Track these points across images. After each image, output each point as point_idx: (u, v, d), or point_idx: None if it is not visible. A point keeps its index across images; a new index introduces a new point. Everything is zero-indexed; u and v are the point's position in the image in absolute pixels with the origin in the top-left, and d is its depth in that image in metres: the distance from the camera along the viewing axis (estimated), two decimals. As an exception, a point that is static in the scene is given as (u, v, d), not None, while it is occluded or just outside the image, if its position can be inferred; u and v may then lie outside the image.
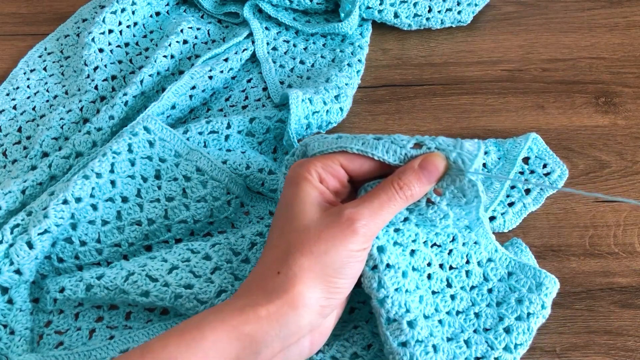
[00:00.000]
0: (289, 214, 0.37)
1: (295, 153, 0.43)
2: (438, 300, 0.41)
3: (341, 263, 0.35)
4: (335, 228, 0.35)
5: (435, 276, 0.41)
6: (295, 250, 0.35)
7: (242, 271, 0.44)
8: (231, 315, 0.33)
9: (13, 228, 0.44)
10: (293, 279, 0.34)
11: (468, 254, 0.43)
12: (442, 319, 0.40)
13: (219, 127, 0.52)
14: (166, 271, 0.42)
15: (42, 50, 0.64)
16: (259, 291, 0.35)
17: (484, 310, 0.41)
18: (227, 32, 0.65)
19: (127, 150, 0.47)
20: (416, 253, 0.41)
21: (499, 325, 0.40)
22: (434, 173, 0.37)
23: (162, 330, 0.42)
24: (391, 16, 0.63)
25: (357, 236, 0.35)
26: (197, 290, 0.41)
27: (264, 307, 0.33)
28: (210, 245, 0.45)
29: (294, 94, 0.51)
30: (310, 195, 0.37)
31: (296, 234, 0.36)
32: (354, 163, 0.38)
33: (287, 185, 0.38)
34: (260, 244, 0.45)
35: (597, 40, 0.62)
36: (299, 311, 0.34)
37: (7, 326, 0.42)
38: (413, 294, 0.39)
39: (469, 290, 0.42)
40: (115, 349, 0.41)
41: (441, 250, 0.42)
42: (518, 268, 0.42)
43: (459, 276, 0.42)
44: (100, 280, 0.42)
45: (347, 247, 0.35)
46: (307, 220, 0.36)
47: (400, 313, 0.38)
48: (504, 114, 0.56)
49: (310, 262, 0.34)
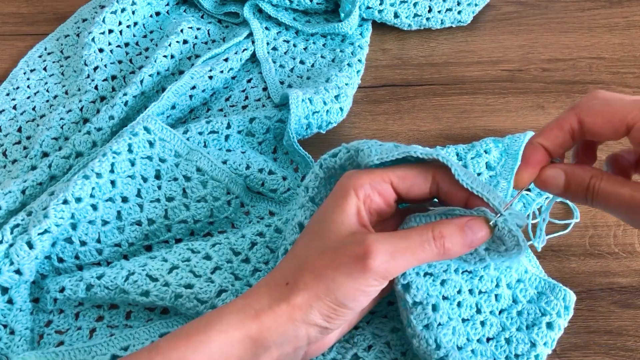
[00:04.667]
0: (320, 227, 0.36)
1: (338, 154, 0.40)
2: (469, 328, 0.39)
3: (345, 294, 0.33)
4: (349, 257, 0.33)
5: (464, 303, 0.39)
6: (307, 269, 0.34)
7: (242, 271, 0.44)
8: (237, 318, 0.34)
9: (13, 228, 0.44)
10: (296, 293, 0.34)
11: (498, 278, 0.41)
12: (475, 348, 0.39)
13: (219, 127, 0.52)
14: (166, 271, 0.42)
15: (42, 50, 0.64)
16: (266, 297, 0.34)
17: (514, 335, 0.40)
18: (227, 32, 0.65)
19: (127, 150, 0.47)
20: (447, 282, 0.39)
21: (531, 352, 0.39)
22: (479, 236, 0.34)
23: (162, 329, 0.42)
24: (391, 16, 0.63)
25: (368, 272, 0.33)
26: (198, 289, 0.41)
27: (267, 313, 0.34)
28: (210, 245, 0.45)
29: (294, 94, 0.51)
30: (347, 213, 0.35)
31: (314, 251, 0.35)
32: (405, 182, 0.36)
33: (333, 195, 0.37)
34: (260, 243, 0.45)
35: (597, 40, 0.62)
36: (297, 325, 0.34)
37: (7, 326, 0.42)
38: (446, 327, 0.37)
39: (498, 315, 0.40)
40: (115, 345, 0.41)
41: (472, 277, 0.40)
42: (548, 288, 0.41)
43: (488, 300, 0.40)
44: (100, 279, 0.42)
45: (355, 280, 0.33)
46: (332, 241, 0.35)
47: (429, 351, 0.37)
48: (504, 114, 0.56)
49: (316, 283, 0.33)
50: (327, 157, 0.41)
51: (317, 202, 0.41)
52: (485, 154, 0.50)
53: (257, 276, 0.43)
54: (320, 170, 0.41)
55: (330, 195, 0.37)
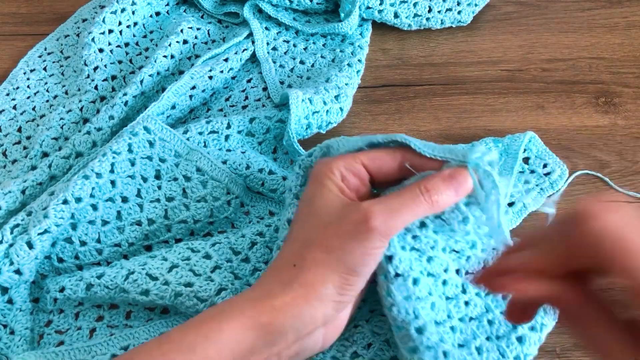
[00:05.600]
0: (310, 210, 0.38)
1: (313, 154, 0.43)
2: (451, 306, 0.40)
3: (355, 259, 0.35)
4: (351, 224, 0.35)
5: (450, 282, 0.40)
6: (312, 244, 0.35)
7: (242, 270, 0.44)
8: (247, 305, 0.34)
9: (13, 228, 0.44)
10: (307, 272, 0.35)
11: (485, 260, 0.41)
12: (454, 325, 0.39)
13: (219, 127, 0.52)
14: (166, 270, 0.42)
15: (42, 50, 0.64)
16: (275, 282, 0.35)
17: (497, 317, 0.40)
18: (227, 32, 0.65)
19: (127, 150, 0.47)
20: (433, 259, 0.40)
21: (511, 334, 0.40)
22: (463, 185, 0.36)
23: (162, 328, 0.42)
24: (391, 16, 0.63)
25: (372, 233, 0.34)
26: (197, 288, 0.41)
27: (278, 297, 0.34)
28: (210, 244, 0.45)
29: (294, 94, 0.51)
30: (331, 192, 0.37)
31: (314, 229, 0.36)
32: (374, 162, 0.38)
33: (311, 182, 0.39)
34: (260, 243, 0.45)
35: (597, 40, 0.62)
36: (312, 303, 0.34)
37: (7, 326, 0.42)
38: (424, 301, 0.38)
39: (483, 297, 0.41)
40: (115, 345, 0.41)
41: (459, 257, 0.41)
42: None
43: None
44: (100, 279, 0.42)
45: (362, 243, 0.34)
46: (327, 215, 0.36)
47: (408, 320, 0.37)
48: (504, 114, 0.56)
49: (324, 256, 0.35)
50: (304, 157, 0.43)
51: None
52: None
53: (256, 275, 0.43)
54: (300, 170, 0.43)
55: (309, 182, 0.39)
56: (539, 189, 0.49)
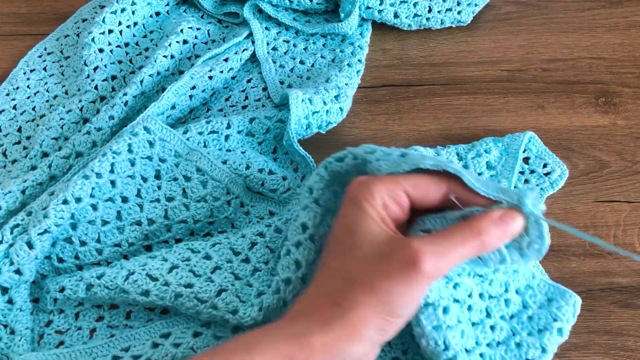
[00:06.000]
0: (351, 239, 0.35)
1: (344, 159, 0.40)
2: (478, 332, 0.39)
3: (400, 302, 0.33)
4: (400, 264, 0.33)
5: (475, 307, 0.39)
6: (357, 284, 0.33)
7: (242, 271, 0.43)
8: (284, 342, 0.32)
9: (13, 228, 0.44)
10: (352, 314, 0.33)
11: (507, 282, 0.41)
12: (483, 352, 0.39)
13: (219, 127, 0.52)
14: (166, 270, 0.42)
15: (42, 50, 0.64)
16: (314, 320, 0.33)
17: (525, 339, 0.40)
18: (227, 32, 0.65)
19: (127, 150, 0.47)
20: (460, 285, 0.39)
21: (542, 357, 0.39)
22: (515, 230, 0.35)
23: (163, 329, 0.42)
24: (391, 16, 0.63)
25: (422, 276, 0.33)
26: (197, 289, 0.41)
27: (317, 337, 0.32)
28: (210, 245, 0.45)
29: (294, 94, 0.51)
30: (373, 220, 0.35)
31: (358, 265, 0.34)
32: (418, 190, 0.36)
33: (349, 204, 0.36)
34: (260, 243, 0.45)
35: (597, 40, 0.62)
36: (354, 345, 0.33)
37: (7, 326, 0.42)
38: (454, 329, 0.37)
39: (508, 320, 0.40)
40: (116, 346, 0.41)
41: (482, 281, 0.40)
42: (558, 294, 0.41)
43: (498, 305, 0.40)
44: (100, 279, 0.42)
45: (410, 287, 0.33)
46: (371, 250, 0.34)
47: (438, 351, 0.37)
48: (504, 114, 0.56)
49: (370, 298, 0.33)
50: (332, 160, 0.41)
51: (321, 204, 0.41)
52: (486, 154, 0.50)
53: (256, 276, 0.43)
54: (325, 173, 0.41)
55: (346, 204, 0.37)
56: (539, 189, 0.49)
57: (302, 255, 0.40)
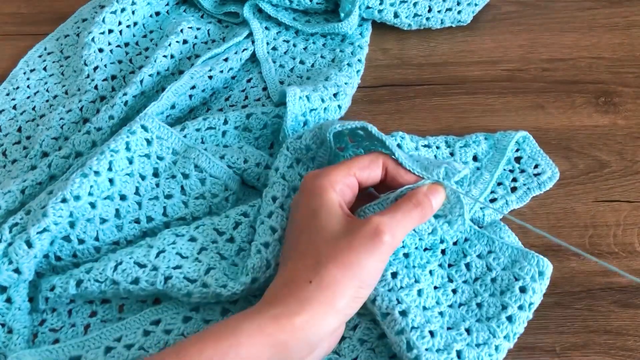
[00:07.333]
0: (317, 223, 0.39)
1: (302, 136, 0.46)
2: (440, 294, 0.43)
3: (369, 272, 0.37)
4: (365, 238, 0.37)
5: (436, 273, 0.44)
6: (327, 261, 0.36)
7: (227, 251, 0.44)
8: (267, 323, 0.34)
9: (12, 227, 0.44)
10: (326, 289, 0.36)
11: (462, 249, 0.45)
12: (443, 310, 0.42)
13: (216, 123, 0.52)
14: (153, 256, 0.43)
15: (42, 50, 0.64)
16: (292, 300, 0.35)
17: (486, 300, 0.42)
18: (227, 32, 0.65)
19: (125, 149, 0.47)
20: (410, 255, 0.44)
21: (501, 314, 0.41)
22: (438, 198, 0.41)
23: (153, 316, 0.42)
24: (391, 16, 0.63)
25: (385, 245, 0.37)
26: (187, 270, 0.42)
27: (298, 316, 0.35)
28: (194, 227, 0.45)
29: (292, 91, 0.51)
30: (335, 206, 0.39)
31: (327, 244, 0.37)
32: (363, 172, 0.41)
33: (310, 194, 0.40)
34: (245, 223, 0.46)
35: (597, 40, 0.62)
36: (330, 318, 0.36)
37: (5, 325, 0.42)
38: (408, 289, 0.41)
39: (472, 283, 0.43)
40: (108, 337, 0.41)
41: (434, 252, 0.44)
42: (521, 256, 0.43)
43: (460, 271, 0.44)
44: (89, 273, 0.42)
45: (376, 256, 0.37)
46: (336, 231, 0.38)
47: (392, 306, 0.40)
48: (504, 114, 0.56)
49: (341, 272, 0.36)
50: (292, 140, 0.47)
51: (287, 179, 0.46)
52: (474, 145, 0.51)
53: (241, 255, 0.44)
54: (288, 152, 0.47)
55: (305, 195, 0.41)
56: (525, 188, 0.50)
57: (276, 222, 0.44)
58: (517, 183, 0.50)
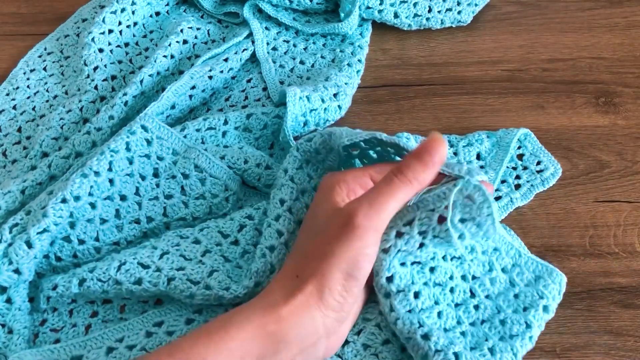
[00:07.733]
0: (312, 222, 0.40)
1: (313, 139, 0.45)
2: (461, 312, 0.41)
3: (349, 263, 0.35)
4: (338, 226, 0.36)
5: (458, 288, 0.41)
6: (310, 257, 0.37)
7: (232, 253, 0.44)
8: (255, 314, 0.35)
9: (12, 227, 0.44)
10: (306, 281, 0.36)
11: (490, 262, 0.42)
12: (465, 330, 0.40)
13: (216, 124, 0.52)
14: (157, 257, 0.43)
15: (42, 50, 0.64)
16: (280, 292, 0.36)
17: (510, 316, 0.41)
18: (227, 32, 0.65)
19: (125, 149, 0.47)
20: (436, 269, 0.41)
21: (526, 333, 0.40)
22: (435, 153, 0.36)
23: (156, 318, 0.42)
24: (391, 16, 0.63)
25: (358, 230, 0.35)
26: (190, 271, 0.42)
27: (284, 307, 0.35)
28: (198, 229, 0.45)
29: (292, 91, 0.51)
30: (331, 201, 0.38)
31: (312, 241, 0.38)
32: (379, 174, 0.39)
33: (319, 192, 0.41)
34: (249, 226, 0.46)
35: (597, 40, 0.62)
36: (313, 312, 0.35)
37: (5, 325, 0.42)
38: (428, 311, 0.39)
39: (495, 298, 0.42)
40: (110, 337, 0.41)
41: (461, 262, 0.42)
42: (545, 272, 0.42)
43: (483, 285, 0.42)
44: (92, 272, 0.42)
45: (351, 244, 0.35)
46: (321, 224, 0.38)
47: (413, 329, 0.38)
48: (504, 114, 0.56)
49: (320, 264, 0.36)
50: (302, 142, 0.46)
51: (296, 182, 0.45)
52: (477, 144, 0.51)
53: (246, 258, 0.44)
54: (298, 153, 0.46)
55: (317, 194, 0.41)
56: (529, 185, 0.50)
57: (283, 225, 0.43)
58: (521, 180, 0.50)
